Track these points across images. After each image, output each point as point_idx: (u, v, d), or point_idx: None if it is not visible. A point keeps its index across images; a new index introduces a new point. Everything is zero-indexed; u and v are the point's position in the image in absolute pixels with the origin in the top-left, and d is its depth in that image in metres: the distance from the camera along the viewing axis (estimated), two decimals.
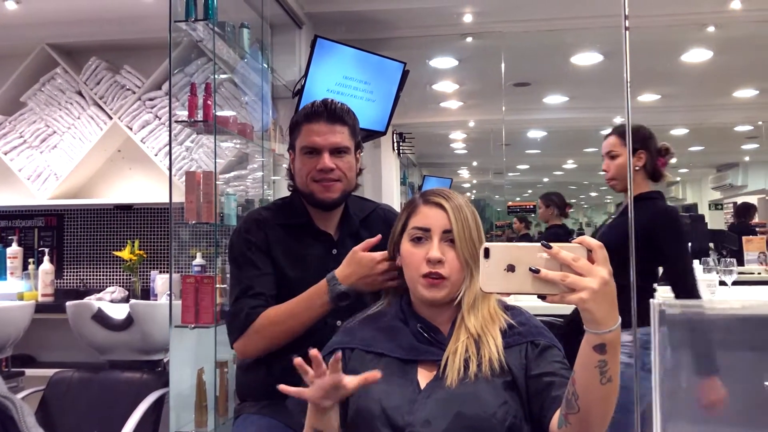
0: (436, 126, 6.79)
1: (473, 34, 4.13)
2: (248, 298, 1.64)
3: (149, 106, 3.51)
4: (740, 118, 6.48)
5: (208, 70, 3.17)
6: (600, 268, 0.99)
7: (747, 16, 3.84)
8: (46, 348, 3.48)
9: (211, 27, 2.59)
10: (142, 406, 2.49)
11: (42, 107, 3.63)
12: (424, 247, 1.32)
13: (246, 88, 3.23)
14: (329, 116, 1.68)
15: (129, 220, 3.72)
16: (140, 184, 3.70)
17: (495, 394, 1.22)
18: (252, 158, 3.34)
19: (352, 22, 3.76)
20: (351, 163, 1.73)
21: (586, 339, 1.03)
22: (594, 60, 4.62)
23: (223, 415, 2.48)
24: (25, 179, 3.60)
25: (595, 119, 6.44)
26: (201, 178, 2.54)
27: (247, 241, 1.69)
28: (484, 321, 1.30)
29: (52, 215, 3.80)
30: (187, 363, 2.51)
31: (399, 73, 3.65)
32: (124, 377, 2.76)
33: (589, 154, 8.29)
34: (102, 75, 3.56)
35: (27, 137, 3.64)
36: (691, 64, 4.71)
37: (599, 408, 1.08)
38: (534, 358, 1.27)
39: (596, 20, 3.83)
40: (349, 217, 1.78)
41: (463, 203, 1.35)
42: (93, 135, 3.55)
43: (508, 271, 1.01)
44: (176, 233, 2.59)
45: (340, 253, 1.71)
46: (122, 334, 2.86)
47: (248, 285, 1.66)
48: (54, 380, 2.77)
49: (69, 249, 3.77)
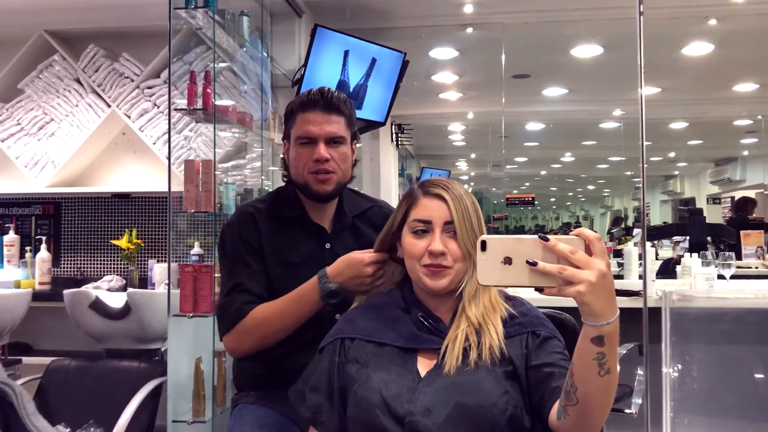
0: (435, 117, 6.79)
1: (473, 24, 4.12)
2: (239, 293, 1.64)
3: (148, 95, 3.49)
4: (740, 112, 6.49)
5: (207, 58, 3.15)
6: (598, 260, 0.98)
7: (749, 9, 3.83)
8: (43, 336, 3.47)
9: (210, 14, 2.57)
10: (140, 395, 2.48)
11: (40, 94, 3.61)
12: (425, 239, 1.32)
13: (245, 77, 3.21)
14: (325, 105, 1.65)
15: (127, 209, 3.71)
16: (138, 172, 3.68)
17: (496, 384, 1.22)
18: (251, 148, 3.32)
19: (352, 11, 3.74)
20: (346, 154, 1.70)
21: (584, 331, 1.03)
22: (594, 52, 4.61)
23: (220, 404, 2.47)
24: (23, 167, 3.59)
25: (594, 112, 6.45)
26: (200, 167, 2.53)
27: (240, 237, 1.68)
28: (485, 310, 1.30)
29: (49, 203, 3.78)
30: (185, 352, 2.50)
31: (399, 63, 3.64)
32: (121, 366, 2.75)
33: (588, 147, 8.29)
34: (100, 62, 3.53)
35: (24, 125, 3.61)
36: (692, 57, 4.70)
37: (598, 400, 1.08)
38: (534, 348, 1.27)
39: (597, 12, 3.82)
40: (343, 211, 1.76)
41: (462, 193, 1.34)
42: (91, 123, 3.53)
43: (506, 263, 1.01)
44: (174, 222, 2.58)
45: (333, 247, 1.70)
46: (120, 322, 2.85)
47: (239, 281, 1.65)
48: (51, 368, 2.76)
49: (66, 237, 3.76)
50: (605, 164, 9.17)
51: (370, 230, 1.76)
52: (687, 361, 2.57)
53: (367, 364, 1.28)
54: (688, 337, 2.56)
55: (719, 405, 2.60)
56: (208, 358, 2.45)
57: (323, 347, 1.36)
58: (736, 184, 7.95)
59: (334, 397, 1.31)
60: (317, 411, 1.32)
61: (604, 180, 10.70)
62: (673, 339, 2.49)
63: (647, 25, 3.51)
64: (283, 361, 1.62)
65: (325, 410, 1.31)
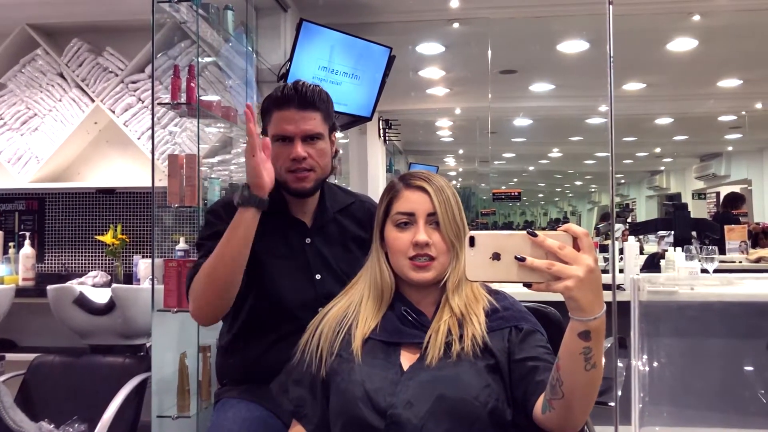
0: (423, 113, 6.79)
1: (460, 19, 4.12)
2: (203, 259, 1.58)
3: (132, 89, 3.46)
4: (724, 108, 6.54)
5: (191, 52, 3.13)
6: (586, 255, 0.99)
7: (732, 5, 3.86)
8: (27, 332, 3.45)
9: (194, 9, 2.56)
10: (124, 390, 2.47)
11: (22, 89, 3.58)
12: (409, 231, 1.32)
13: (230, 71, 3.19)
14: (300, 102, 1.62)
15: (111, 204, 3.68)
16: (123, 167, 3.66)
17: (478, 377, 1.22)
18: (236, 143, 3.31)
19: (338, 5, 3.73)
20: (324, 149, 1.67)
21: (570, 326, 1.04)
22: (580, 48, 4.63)
23: (206, 399, 2.47)
24: (6, 162, 3.55)
25: (580, 107, 6.48)
26: (184, 162, 2.52)
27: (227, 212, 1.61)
28: (468, 300, 1.31)
29: (33, 199, 3.75)
30: (170, 347, 2.50)
31: (385, 58, 3.63)
32: (105, 362, 2.74)
33: (575, 143, 8.33)
34: (84, 57, 3.50)
35: (7, 119, 3.58)
36: (676, 53, 4.73)
37: (583, 394, 1.09)
38: (517, 342, 1.27)
39: (582, 8, 3.83)
40: (324, 206, 1.75)
41: (444, 184, 1.35)
42: (75, 118, 3.50)
43: (494, 259, 1.01)
44: (159, 217, 2.57)
45: (313, 241, 1.69)
46: (104, 318, 2.84)
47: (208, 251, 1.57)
48: (35, 365, 2.75)
49: (50, 233, 3.73)
50: (592, 160, 9.22)
51: (352, 225, 1.75)
52: (657, 353, 2.60)
53: (351, 357, 1.29)
54: (656, 328, 2.60)
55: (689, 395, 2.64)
56: (192, 353, 2.45)
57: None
58: (721, 180, 8.02)
59: (316, 390, 1.31)
60: (300, 404, 1.32)
61: (591, 176, 10.76)
62: (642, 329, 2.53)
63: (631, 21, 3.53)
64: (265, 355, 1.62)
65: (308, 403, 1.31)
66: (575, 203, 12.42)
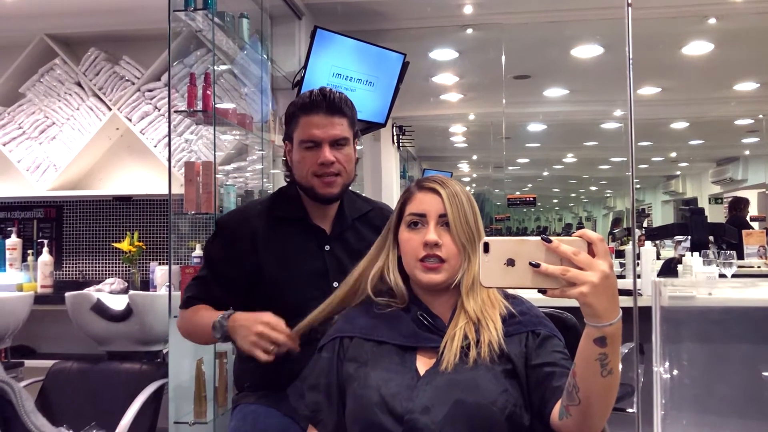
0: (436, 119, 6.78)
1: (473, 25, 4.12)
2: (200, 285, 1.72)
3: (148, 97, 3.50)
4: (741, 112, 6.48)
5: (207, 60, 3.16)
6: (601, 261, 0.98)
7: (749, 8, 3.83)
8: (46, 339, 3.48)
9: (210, 17, 2.58)
10: (141, 396, 2.49)
11: (41, 98, 3.63)
12: (420, 232, 1.32)
13: (245, 79, 3.21)
14: (328, 107, 1.64)
15: (128, 212, 3.71)
16: (140, 175, 3.69)
17: (495, 382, 1.22)
18: (252, 150, 3.33)
19: (352, 12, 3.75)
20: (350, 154, 1.70)
21: (586, 332, 1.03)
22: (594, 53, 4.61)
23: (222, 405, 2.48)
24: (24, 170, 3.60)
25: (595, 112, 6.44)
26: (200, 169, 2.54)
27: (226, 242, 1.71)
28: (484, 305, 1.30)
29: (51, 206, 3.79)
30: (186, 354, 2.51)
31: (399, 64, 3.64)
32: (123, 368, 2.76)
33: (589, 148, 8.28)
34: (101, 66, 3.55)
35: (26, 128, 3.63)
36: (692, 57, 4.70)
37: (600, 400, 1.08)
38: (534, 347, 1.26)
39: (597, 12, 3.82)
40: (343, 213, 1.76)
41: (459, 189, 1.35)
42: (92, 126, 3.54)
43: (508, 265, 1.01)
44: (175, 224, 2.58)
45: (332, 248, 1.70)
46: (121, 325, 2.85)
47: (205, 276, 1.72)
48: (53, 371, 2.77)
49: (68, 240, 3.77)
50: (607, 165, 9.16)
51: (370, 233, 1.75)
52: (678, 358, 2.57)
53: (366, 362, 1.28)
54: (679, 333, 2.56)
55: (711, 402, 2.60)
56: (209, 359, 2.46)
57: (322, 346, 1.36)
58: (738, 184, 7.93)
59: (333, 396, 1.31)
60: (316, 409, 1.32)
61: (606, 181, 10.68)
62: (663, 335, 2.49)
63: (646, 25, 3.51)
64: (283, 361, 1.63)
65: (324, 409, 1.31)
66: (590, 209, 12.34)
